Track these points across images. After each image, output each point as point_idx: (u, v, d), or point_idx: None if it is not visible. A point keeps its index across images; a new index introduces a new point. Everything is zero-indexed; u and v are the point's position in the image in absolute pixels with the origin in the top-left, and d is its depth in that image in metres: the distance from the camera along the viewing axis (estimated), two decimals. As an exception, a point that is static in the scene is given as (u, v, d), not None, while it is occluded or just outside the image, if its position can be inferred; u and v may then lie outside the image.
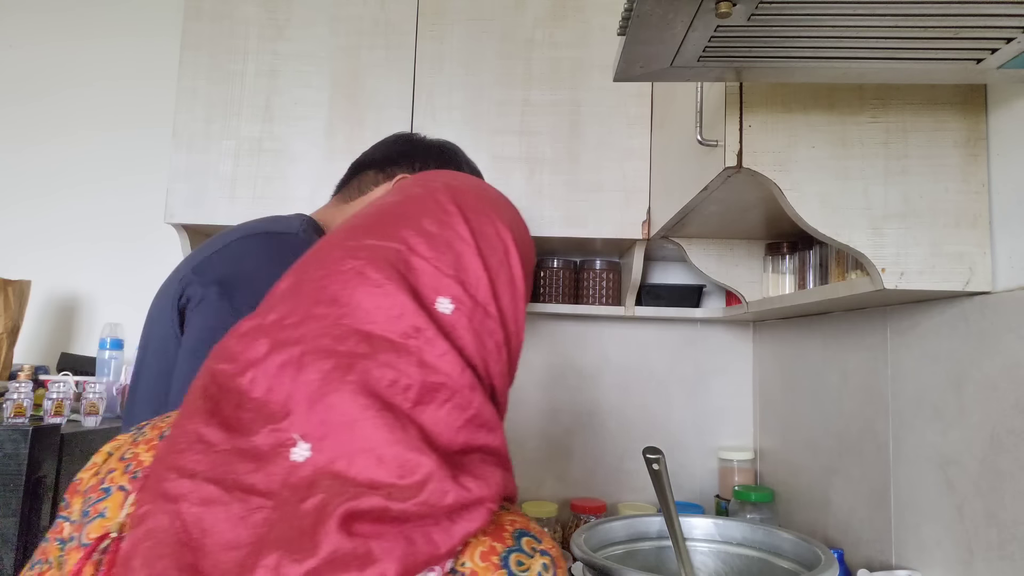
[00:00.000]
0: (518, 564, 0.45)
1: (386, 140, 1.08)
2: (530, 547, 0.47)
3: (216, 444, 0.44)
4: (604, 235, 1.56)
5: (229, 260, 0.82)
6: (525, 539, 0.47)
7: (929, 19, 0.64)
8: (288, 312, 0.50)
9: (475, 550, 0.45)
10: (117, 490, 0.47)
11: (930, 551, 1.02)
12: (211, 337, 0.73)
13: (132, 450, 0.50)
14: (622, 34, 0.68)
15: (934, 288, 0.94)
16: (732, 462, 1.71)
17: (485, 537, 0.46)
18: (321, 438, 0.44)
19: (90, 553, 0.44)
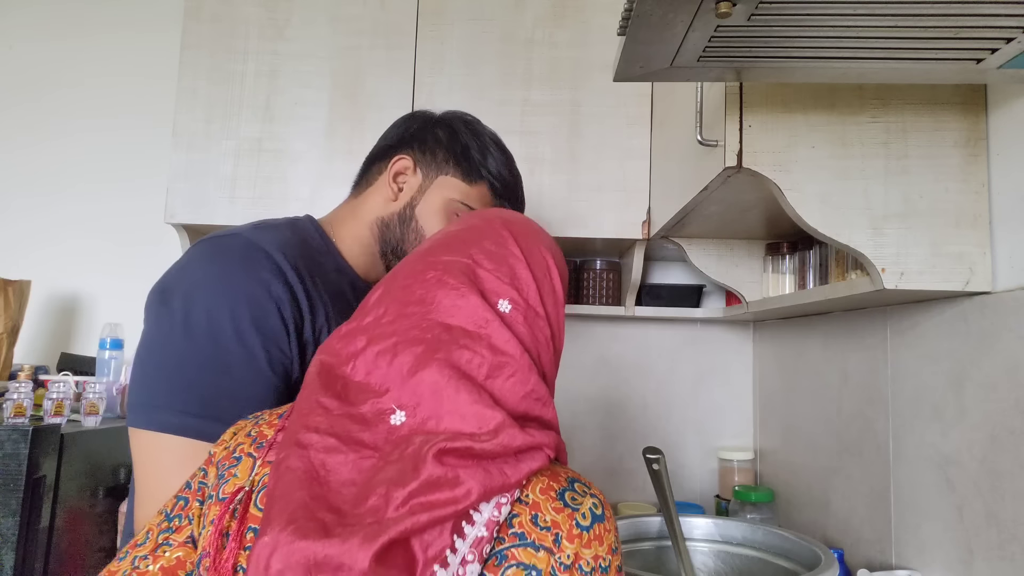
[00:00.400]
0: (572, 499, 0.56)
1: (393, 124, 1.04)
2: (581, 489, 0.58)
3: (332, 409, 0.57)
4: (604, 235, 1.56)
5: (172, 267, 0.82)
6: (577, 484, 0.58)
7: (929, 19, 0.64)
8: (382, 314, 0.63)
9: (536, 486, 0.56)
10: (247, 456, 0.58)
11: (930, 551, 1.02)
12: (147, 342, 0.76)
13: (256, 429, 0.61)
14: (622, 34, 0.68)
15: (934, 288, 0.94)
16: (732, 462, 1.71)
17: (544, 477, 0.57)
18: (415, 406, 0.56)
19: (228, 504, 0.55)
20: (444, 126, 0.99)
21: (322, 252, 0.92)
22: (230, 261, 0.79)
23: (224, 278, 0.77)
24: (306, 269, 0.84)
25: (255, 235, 0.84)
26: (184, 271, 0.80)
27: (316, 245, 0.92)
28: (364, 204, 0.98)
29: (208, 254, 0.81)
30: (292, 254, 0.83)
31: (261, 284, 0.78)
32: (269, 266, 0.79)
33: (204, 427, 0.71)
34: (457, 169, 0.97)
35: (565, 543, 0.53)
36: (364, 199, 0.99)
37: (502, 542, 0.52)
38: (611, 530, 0.57)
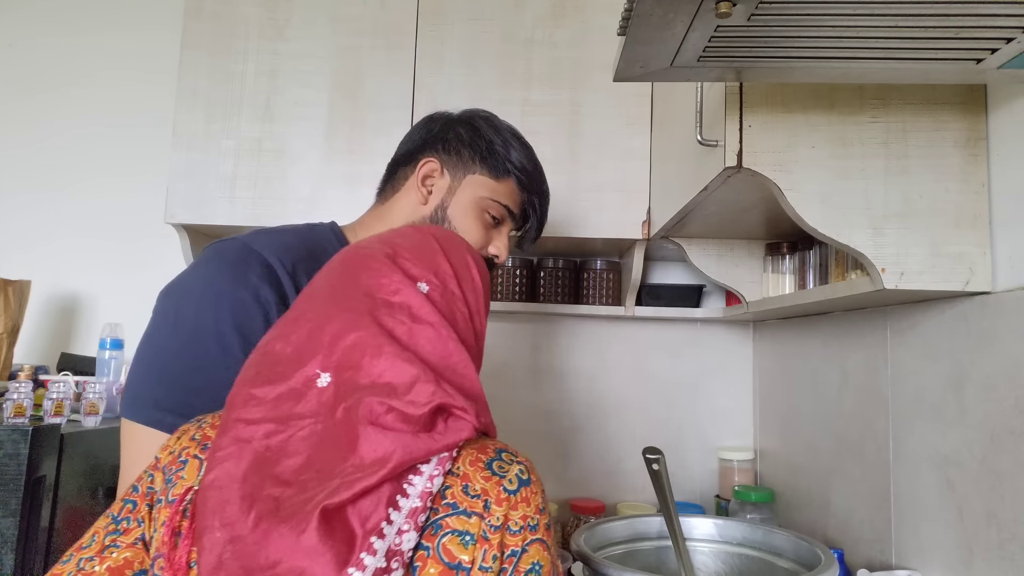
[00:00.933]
0: (499, 467, 0.59)
1: (413, 127, 1.05)
2: (508, 458, 0.61)
3: (264, 396, 0.59)
4: (604, 235, 1.56)
5: (183, 271, 0.86)
6: (504, 453, 0.61)
7: (929, 19, 0.64)
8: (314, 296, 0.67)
9: (466, 459, 0.59)
10: (192, 459, 0.60)
11: (930, 551, 1.02)
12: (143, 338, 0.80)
13: (200, 432, 0.63)
14: (622, 34, 0.68)
15: (934, 288, 0.94)
16: (732, 462, 1.71)
17: (472, 450, 0.60)
18: (338, 366, 0.60)
19: (178, 505, 0.57)
20: (465, 125, 1.00)
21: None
22: (222, 264, 0.82)
23: (213, 280, 0.80)
24: (306, 272, 0.84)
25: (253, 239, 0.86)
26: (184, 273, 0.84)
27: (331, 249, 0.93)
28: (392, 209, 0.99)
29: (206, 257, 0.84)
30: (290, 259, 0.84)
31: (249, 288, 0.80)
32: (260, 270, 0.81)
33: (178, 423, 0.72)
34: (484, 166, 0.97)
35: (494, 507, 0.56)
36: (392, 204, 0.99)
37: (436, 512, 0.55)
38: (537, 492, 0.60)
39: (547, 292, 1.74)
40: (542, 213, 1.04)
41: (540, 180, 1.03)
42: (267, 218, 1.57)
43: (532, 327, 1.85)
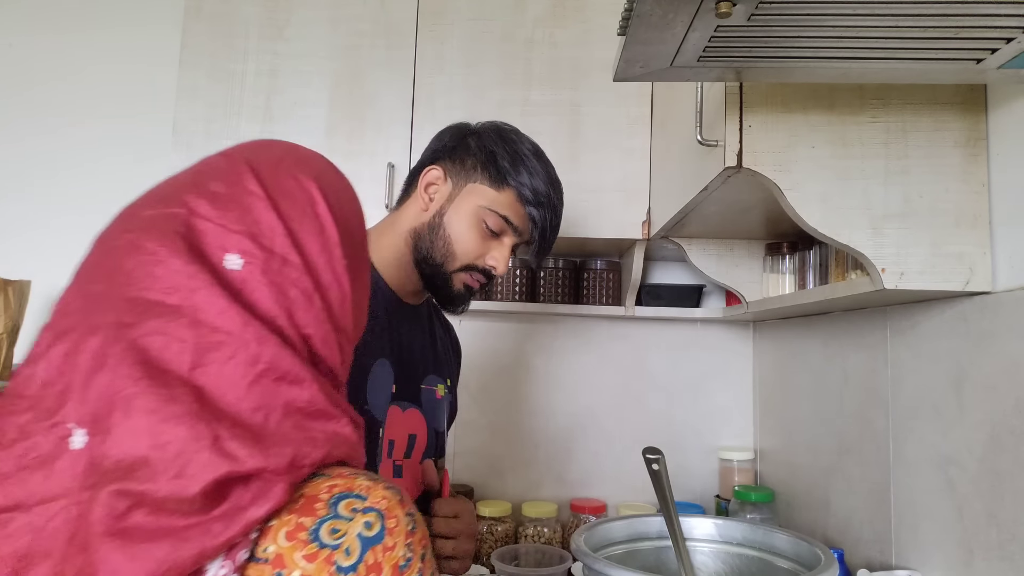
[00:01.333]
0: (332, 533, 0.42)
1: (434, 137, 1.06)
2: (350, 509, 0.43)
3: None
4: (604, 235, 1.56)
5: None
6: (345, 502, 0.44)
7: (929, 19, 0.64)
8: (68, 299, 0.49)
9: (279, 532, 0.42)
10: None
11: (930, 551, 1.02)
12: None
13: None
14: (622, 34, 0.68)
15: (934, 288, 0.94)
16: (732, 462, 1.71)
17: (291, 515, 0.42)
18: (94, 421, 0.41)
19: None
20: (475, 135, 1.01)
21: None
22: None
23: None
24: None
25: None
26: None
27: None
28: (400, 217, 1.01)
29: None
30: None
31: None
32: None
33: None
34: (484, 175, 0.97)
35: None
36: (400, 212, 1.02)
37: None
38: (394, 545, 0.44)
39: (547, 292, 1.74)
40: (545, 229, 1.00)
41: (546, 195, 1.00)
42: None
43: (532, 327, 1.85)
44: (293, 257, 0.50)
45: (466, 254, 0.97)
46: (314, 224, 0.52)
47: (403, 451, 0.97)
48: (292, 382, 0.46)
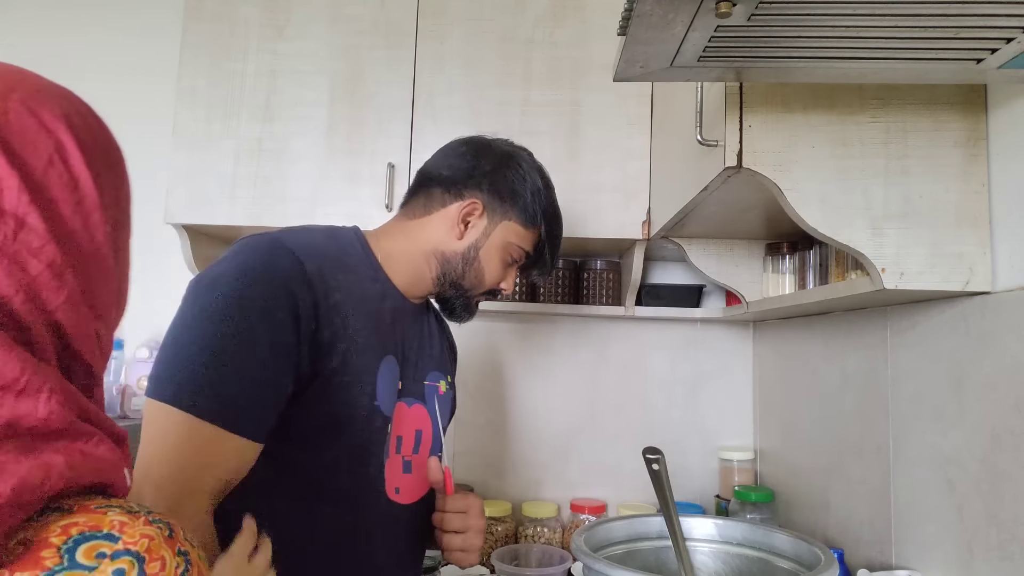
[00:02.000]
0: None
1: (454, 149, 1.05)
2: (93, 555, 0.34)
3: None
4: (604, 235, 1.56)
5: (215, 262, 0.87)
6: (86, 547, 0.34)
7: (929, 19, 0.64)
8: None
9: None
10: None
11: (930, 551, 1.02)
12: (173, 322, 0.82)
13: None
14: (622, 34, 0.68)
15: (934, 288, 0.94)
16: (732, 462, 1.71)
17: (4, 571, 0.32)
18: None
19: None
20: (513, 168, 1.02)
21: (360, 262, 0.96)
22: (254, 256, 0.84)
23: (244, 270, 0.82)
24: (331, 273, 0.87)
25: (283, 234, 0.89)
26: (216, 263, 0.86)
27: (354, 253, 0.96)
28: (422, 231, 1.01)
29: (237, 248, 0.86)
30: (316, 256, 0.87)
31: (278, 280, 0.82)
32: (289, 264, 0.83)
33: (198, 402, 0.76)
34: (520, 215, 1.01)
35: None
36: (423, 226, 1.01)
37: None
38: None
39: (547, 292, 1.74)
40: (557, 256, 1.09)
41: (561, 226, 1.08)
42: (267, 218, 1.57)
43: (532, 327, 1.85)
44: (32, 220, 0.38)
45: (492, 283, 1.03)
46: (63, 177, 0.41)
47: (411, 447, 0.98)
48: (21, 393, 0.35)
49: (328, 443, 0.87)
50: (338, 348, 0.85)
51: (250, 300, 0.80)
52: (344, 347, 0.86)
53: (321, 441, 0.87)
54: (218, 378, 0.77)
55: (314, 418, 0.85)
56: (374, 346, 0.91)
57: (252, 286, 0.80)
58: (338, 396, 0.86)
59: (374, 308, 0.93)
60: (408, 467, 0.97)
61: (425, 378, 1.03)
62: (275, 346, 0.80)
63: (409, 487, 0.97)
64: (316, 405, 0.85)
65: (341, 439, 0.88)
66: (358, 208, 1.56)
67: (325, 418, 0.86)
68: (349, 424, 0.88)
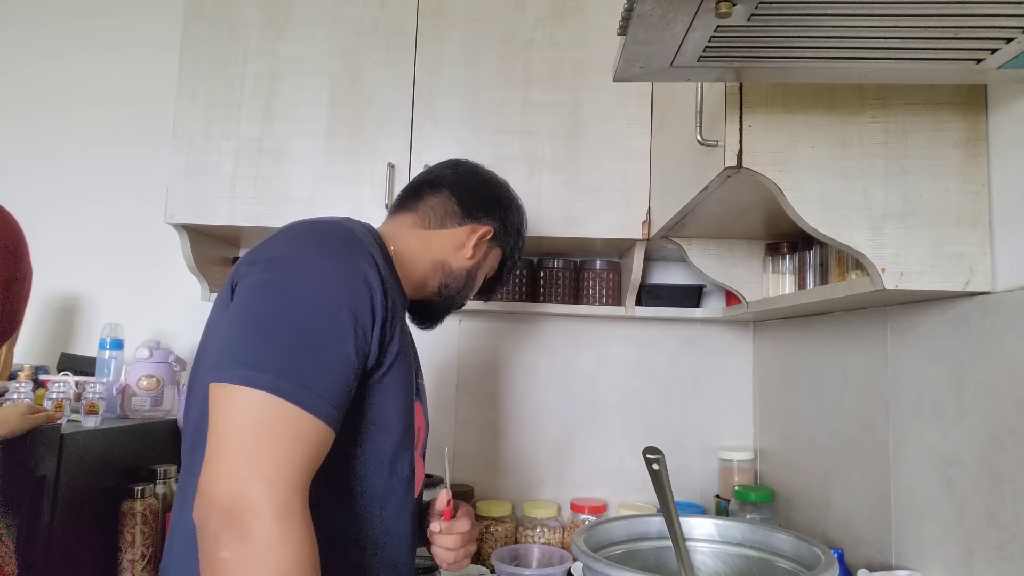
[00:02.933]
0: None
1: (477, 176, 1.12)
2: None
3: None
4: (604, 235, 1.56)
5: (272, 241, 0.84)
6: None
7: (929, 19, 0.64)
8: None
9: None
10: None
11: (930, 551, 1.02)
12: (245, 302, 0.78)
13: None
14: (622, 34, 0.68)
15: (934, 288, 0.94)
16: (732, 462, 1.71)
17: None
18: None
19: None
20: (518, 211, 1.15)
21: (387, 259, 0.97)
22: (335, 243, 0.83)
23: (328, 256, 0.81)
24: (384, 270, 0.87)
25: (353, 225, 0.89)
26: (290, 244, 0.83)
27: (384, 252, 0.97)
28: (435, 241, 1.05)
29: (312, 233, 0.85)
30: (377, 252, 0.88)
31: (359, 271, 0.81)
32: (366, 256, 0.84)
33: (295, 390, 0.72)
34: (508, 246, 1.14)
35: None
36: (437, 236, 1.06)
37: None
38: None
39: (547, 292, 1.74)
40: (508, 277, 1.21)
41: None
42: (267, 218, 1.57)
43: (532, 327, 1.85)
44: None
45: (471, 294, 1.14)
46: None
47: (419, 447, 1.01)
48: None
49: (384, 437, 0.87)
50: (395, 342, 0.86)
51: (338, 290, 0.78)
52: (399, 342, 0.87)
53: (376, 435, 0.86)
54: (311, 365, 0.74)
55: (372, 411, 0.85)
56: (408, 343, 0.95)
57: (337, 275, 0.80)
58: (395, 389, 0.87)
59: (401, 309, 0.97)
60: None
61: (419, 377, 1.05)
62: (357, 336, 0.79)
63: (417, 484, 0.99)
64: (373, 398, 0.85)
65: (393, 434, 0.88)
66: (358, 209, 1.56)
67: (381, 413, 0.86)
68: (399, 418, 0.89)
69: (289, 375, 0.72)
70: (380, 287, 0.82)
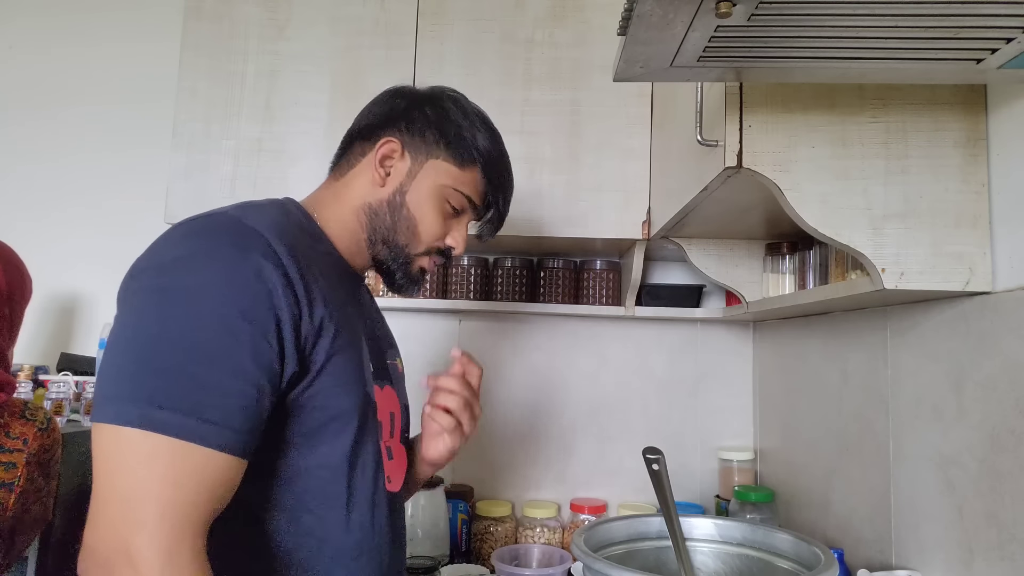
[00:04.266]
0: None
1: (373, 101, 0.97)
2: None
3: None
4: (604, 235, 1.56)
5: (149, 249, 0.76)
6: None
7: (929, 19, 0.64)
8: None
9: None
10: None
11: (930, 551, 1.02)
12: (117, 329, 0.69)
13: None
14: (622, 34, 0.68)
15: (934, 288, 0.94)
16: (732, 462, 1.71)
17: None
18: None
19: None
20: (432, 104, 0.93)
21: (314, 236, 0.88)
22: (218, 240, 0.72)
23: (210, 258, 0.70)
24: (302, 254, 0.77)
25: (244, 214, 0.76)
26: (162, 251, 0.73)
27: (308, 229, 0.87)
28: (348, 188, 0.92)
29: (192, 232, 0.73)
30: (286, 237, 0.76)
31: (250, 268, 0.70)
32: (262, 248, 0.72)
33: (172, 420, 0.63)
34: (448, 153, 0.91)
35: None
36: (348, 182, 0.93)
37: None
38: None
39: (547, 292, 1.74)
40: (504, 205, 0.97)
41: (506, 170, 0.96)
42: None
43: (532, 327, 1.85)
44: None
45: (430, 236, 0.92)
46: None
47: (389, 432, 0.92)
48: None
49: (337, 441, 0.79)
50: (324, 338, 0.77)
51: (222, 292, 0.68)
52: (332, 334, 0.78)
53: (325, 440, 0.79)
54: (196, 388, 0.65)
55: (312, 418, 0.77)
56: (354, 332, 0.85)
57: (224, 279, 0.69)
58: (338, 388, 0.79)
59: (337, 285, 0.85)
60: (389, 453, 0.90)
61: (387, 357, 0.96)
62: (257, 343, 0.69)
63: (394, 473, 0.91)
64: (311, 404, 0.76)
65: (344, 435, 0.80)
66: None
67: (324, 415, 0.78)
68: (350, 417, 0.80)
69: (165, 403, 0.63)
70: (282, 281, 0.72)
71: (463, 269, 1.74)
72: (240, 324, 0.68)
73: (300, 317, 0.74)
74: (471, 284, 1.73)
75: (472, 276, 1.74)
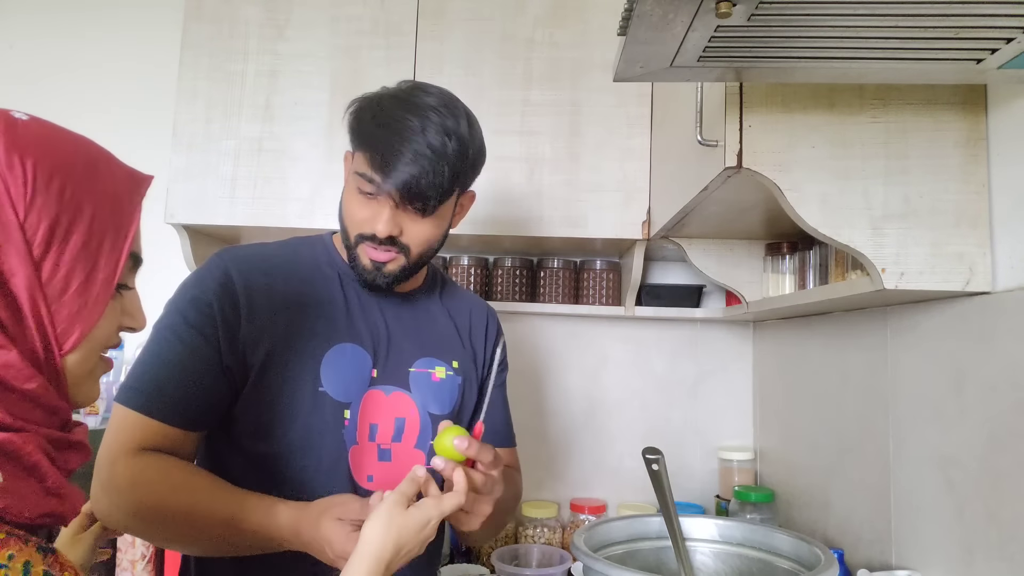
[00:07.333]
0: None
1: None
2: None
3: None
4: (604, 235, 1.56)
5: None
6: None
7: (929, 19, 0.64)
8: None
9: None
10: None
11: (930, 551, 1.02)
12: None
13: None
14: (622, 34, 0.68)
15: (934, 288, 0.94)
16: (732, 462, 1.71)
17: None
18: None
19: None
20: (362, 100, 0.94)
21: (316, 259, 1.01)
22: (197, 270, 0.97)
23: (185, 283, 0.95)
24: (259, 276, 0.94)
25: (230, 249, 0.98)
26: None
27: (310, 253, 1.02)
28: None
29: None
30: (249, 265, 0.95)
31: (203, 289, 0.92)
32: (218, 275, 0.93)
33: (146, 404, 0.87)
34: (352, 139, 0.93)
35: None
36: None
37: None
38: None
39: (547, 292, 1.74)
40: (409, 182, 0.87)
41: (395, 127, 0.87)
42: (267, 218, 1.57)
43: (532, 327, 1.85)
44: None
45: (354, 223, 0.93)
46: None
47: (390, 435, 0.96)
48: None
49: (278, 432, 0.91)
50: (263, 343, 0.91)
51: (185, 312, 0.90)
52: (272, 341, 0.91)
53: (271, 430, 0.91)
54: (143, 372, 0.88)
55: (259, 410, 0.91)
56: (320, 335, 0.94)
57: (188, 299, 0.92)
58: (276, 386, 0.91)
59: (325, 300, 0.97)
60: (386, 455, 0.95)
61: (411, 364, 1.00)
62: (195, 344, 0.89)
63: (386, 475, 0.95)
64: (258, 397, 0.91)
65: (288, 427, 0.91)
66: (358, 208, 1.55)
67: (268, 408, 0.91)
68: (292, 412, 0.91)
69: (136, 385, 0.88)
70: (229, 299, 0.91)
71: (463, 269, 1.74)
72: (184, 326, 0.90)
73: (237, 325, 0.91)
74: (471, 284, 1.73)
75: (472, 276, 1.74)
